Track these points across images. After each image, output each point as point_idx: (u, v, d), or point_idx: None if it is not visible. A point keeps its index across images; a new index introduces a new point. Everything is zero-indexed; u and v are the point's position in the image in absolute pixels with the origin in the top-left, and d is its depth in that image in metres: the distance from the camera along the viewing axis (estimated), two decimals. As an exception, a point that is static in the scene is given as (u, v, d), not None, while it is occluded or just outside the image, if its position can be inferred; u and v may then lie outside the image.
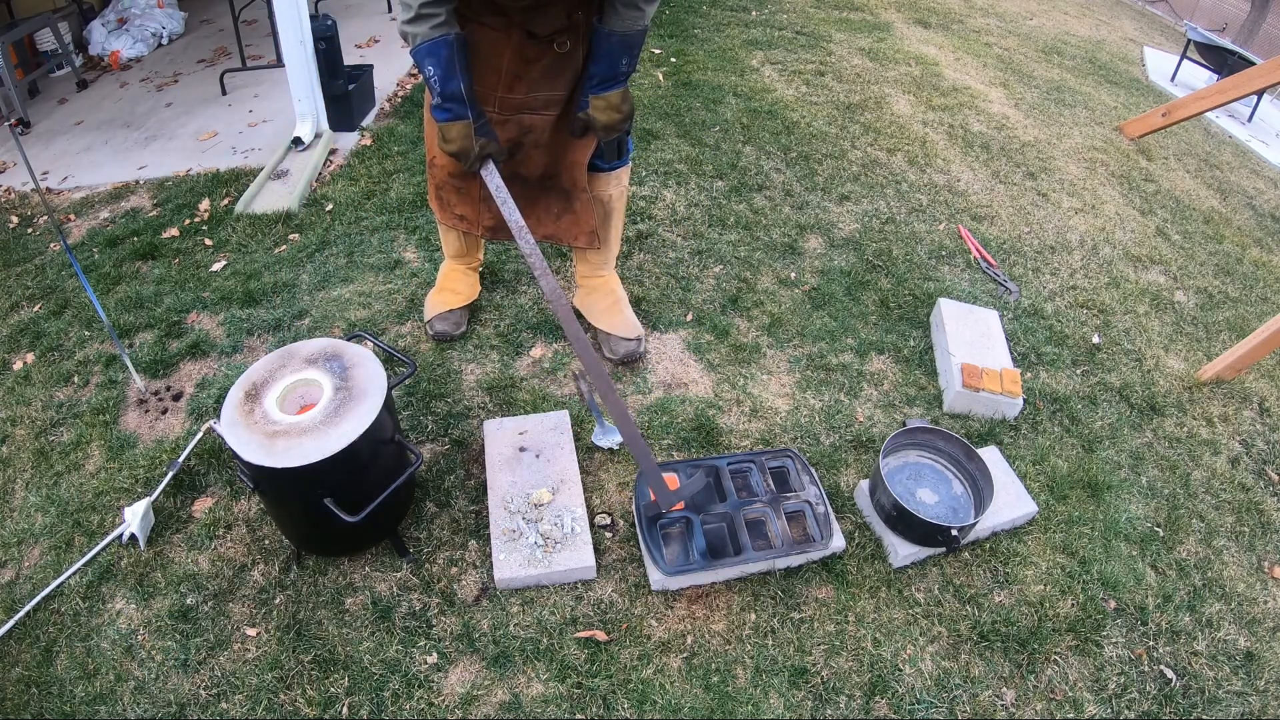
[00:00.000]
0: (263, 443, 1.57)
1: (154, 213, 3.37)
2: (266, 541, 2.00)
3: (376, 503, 1.64)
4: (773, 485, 2.09)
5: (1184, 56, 6.17)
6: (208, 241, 3.12)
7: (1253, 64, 4.94)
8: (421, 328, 2.63)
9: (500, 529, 1.95)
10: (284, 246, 3.05)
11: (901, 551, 1.98)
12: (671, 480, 2.05)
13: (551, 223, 2.19)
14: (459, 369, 2.49)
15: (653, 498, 1.86)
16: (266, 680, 1.73)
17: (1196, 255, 3.56)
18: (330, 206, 3.26)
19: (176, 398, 2.43)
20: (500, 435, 2.20)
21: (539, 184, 2.12)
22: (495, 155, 1.85)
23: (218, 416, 2.21)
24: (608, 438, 2.25)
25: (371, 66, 4.04)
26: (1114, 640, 1.91)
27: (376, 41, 4.97)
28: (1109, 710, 1.78)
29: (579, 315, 2.59)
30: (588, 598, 1.89)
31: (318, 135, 3.72)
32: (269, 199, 3.33)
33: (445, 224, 2.32)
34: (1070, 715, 1.76)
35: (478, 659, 1.77)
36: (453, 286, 2.56)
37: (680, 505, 1.94)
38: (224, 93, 4.51)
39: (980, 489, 2.04)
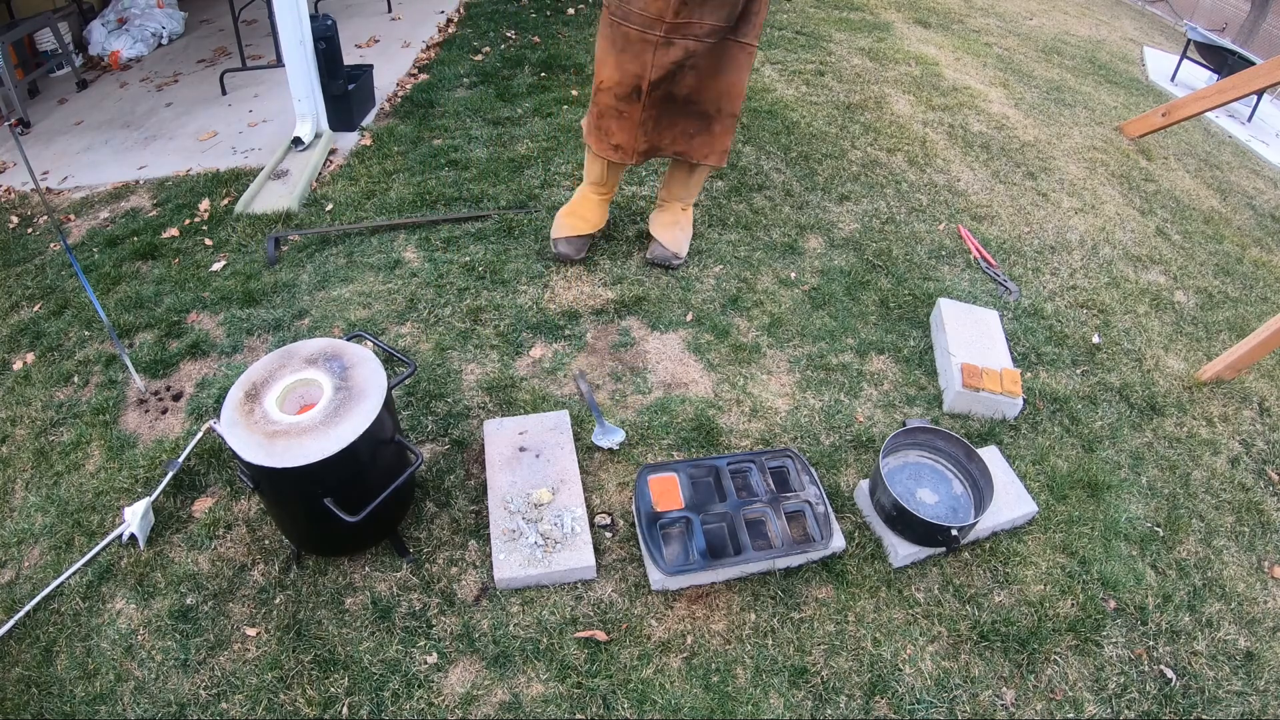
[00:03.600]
0: (263, 443, 1.57)
1: (154, 213, 3.37)
2: (266, 541, 2.00)
3: (376, 502, 1.64)
4: (773, 485, 2.09)
5: (1184, 56, 6.17)
6: (208, 241, 3.12)
7: (1253, 64, 4.94)
8: (419, 326, 2.63)
9: (500, 529, 1.95)
10: (284, 246, 3.05)
11: (901, 551, 1.98)
12: (670, 480, 2.05)
13: (685, 141, 2.48)
14: (459, 369, 2.49)
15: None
16: (266, 680, 1.73)
17: (1196, 255, 3.56)
18: (330, 206, 3.26)
19: (176, 398, 2.43)
20: (500, 435, 2.20)
21: (682, 105, 2.40)
22: None
23: (218, 416, 2.21)
24: (608, 438, 2.25)
25: (371, 66, 4.04)
26: (1114, 640, 1.91)
27: (376, 41, 4.97)
28: (1109, 710, 1.78)
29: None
30: (588, 598, 1.89)
31: (318, 135, 3.72)
32: (269, 199, 3.33)
33: (601, 154, 2.56)
34: (1070, 715, 1.76)
35: (478, 659, 1.77)
36: (583, 213, 2.80)
37: None
38: (224, 93, 4.51)
39: (980, 489, 2.04)
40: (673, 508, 1.99)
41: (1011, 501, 2.13)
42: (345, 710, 1.69)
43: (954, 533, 1.89)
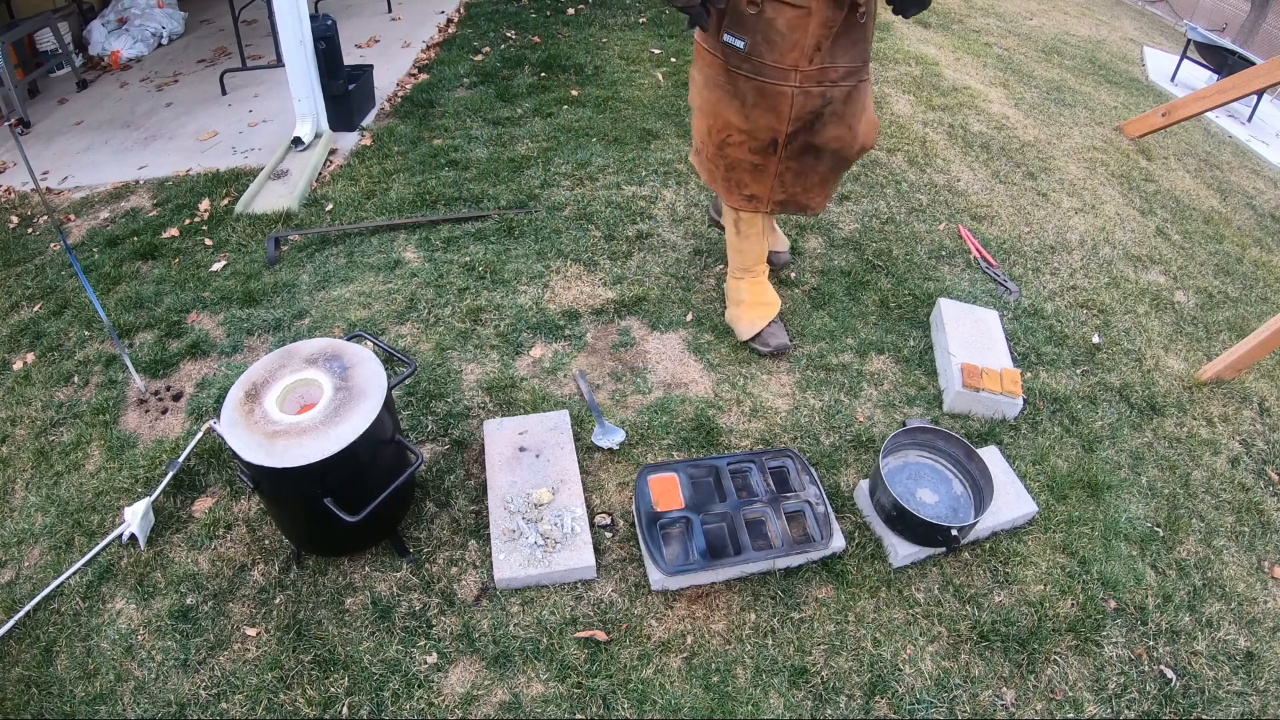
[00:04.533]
0: (263, 443, 1.57)
1: (154, 213, 3.37)
2: (266, 541, 2.00)
3: (376, 502, 1.64)
4: (773, 485, 2.09)
5: (1184, 56, 6.17)
6: (208, 241, 3.12)
7: (1253, 64, 4.93)
8: (419, 326, 2.63)
9: (500, 529, 1.95)
10: (284, 246, 3.05)
11: (901, 551, 1.98)
12: (670, 480, 2.05)
13: (819, 190, 2.32)
14: (459, 369, 2.49)
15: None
16: (266, 680, 1.73)
17: (1196, 255, 3.56)
18: (330, 206, 3.26)
19: (176, 398, 2.43)
20: (500, 435, 2.20)
21: (824, 154, 2.21)
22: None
23: (218, 416, 2.21)
24: (608, 438, 2.25)
25: (371, 66, 4.05)
26: (1114, 640, 1.91)
27: (376, 41, 4.97)
28: (1109, 710, 1.78)
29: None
30: (588, 598, 1.89)
31: (318, 135, 3.72)
32: (269, 199, 3.33)
33: (733, 205, 2.37)
34: (1070, 715, 1.76)
35: (478, 659, 1.77)
36: (764, 298, 2.57)
37: None
38: (224, 93, 4.51)
39: (980, 489, 2.04)
40: (673, 508, 1.99)
41: (1011, 501, 2.13)
42: (345, 710, 1.69)
43: (954, 533, 1.89)
